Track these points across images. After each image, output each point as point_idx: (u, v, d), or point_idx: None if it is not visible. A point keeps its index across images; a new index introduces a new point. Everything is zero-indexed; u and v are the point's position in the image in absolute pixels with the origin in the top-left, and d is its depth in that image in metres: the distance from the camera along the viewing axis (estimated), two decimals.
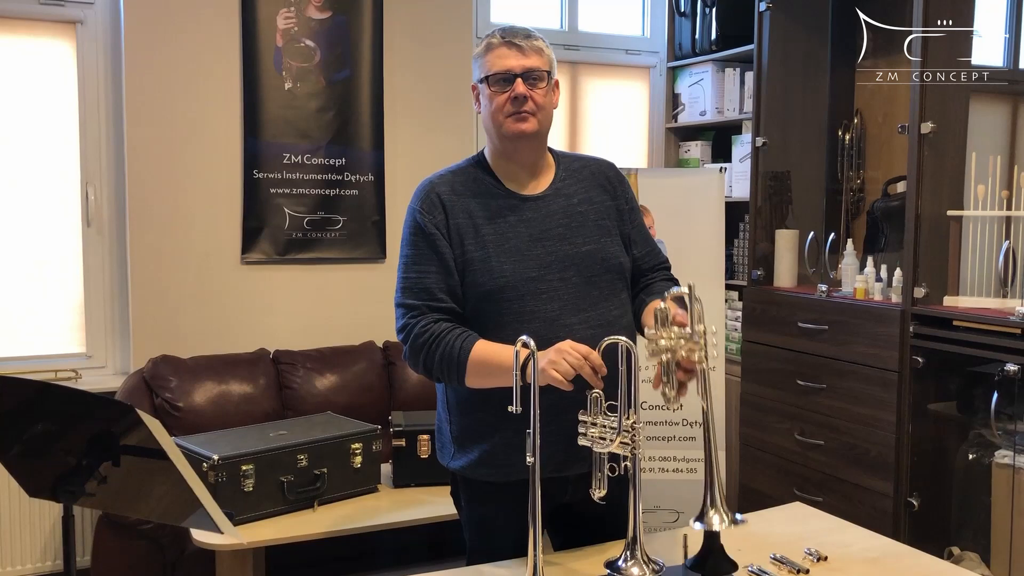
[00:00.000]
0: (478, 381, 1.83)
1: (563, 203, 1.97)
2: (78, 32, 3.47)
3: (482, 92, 1.95)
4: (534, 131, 1.91)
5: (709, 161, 4.33)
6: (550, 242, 1.92)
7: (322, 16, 3.69)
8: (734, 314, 3.91)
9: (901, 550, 1.95)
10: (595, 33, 4.41)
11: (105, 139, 3.54)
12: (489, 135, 1.98)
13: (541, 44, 1.95)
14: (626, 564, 1.68)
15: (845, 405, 3.09)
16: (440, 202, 1.92)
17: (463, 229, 1.90)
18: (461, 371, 1.82)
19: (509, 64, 1.90)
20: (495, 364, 1.79)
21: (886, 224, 3.40)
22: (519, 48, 1.91)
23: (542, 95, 1.93)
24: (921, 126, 2.85)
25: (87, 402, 1.56)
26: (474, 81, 1.98)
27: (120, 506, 1.82)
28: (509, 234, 1.91)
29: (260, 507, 2.62)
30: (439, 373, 1.86)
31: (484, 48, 1.94)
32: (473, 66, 1.98)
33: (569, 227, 1.95)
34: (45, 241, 3.48)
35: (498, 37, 1.92)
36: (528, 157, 1.97)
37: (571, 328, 1.86)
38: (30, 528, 3.35)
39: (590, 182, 2.03)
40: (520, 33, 1.93)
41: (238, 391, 3.34)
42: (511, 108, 1.89)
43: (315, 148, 3.70)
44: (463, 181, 1.96)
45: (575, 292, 1.91)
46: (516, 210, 1.93)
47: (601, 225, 1.98)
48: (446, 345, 1.83)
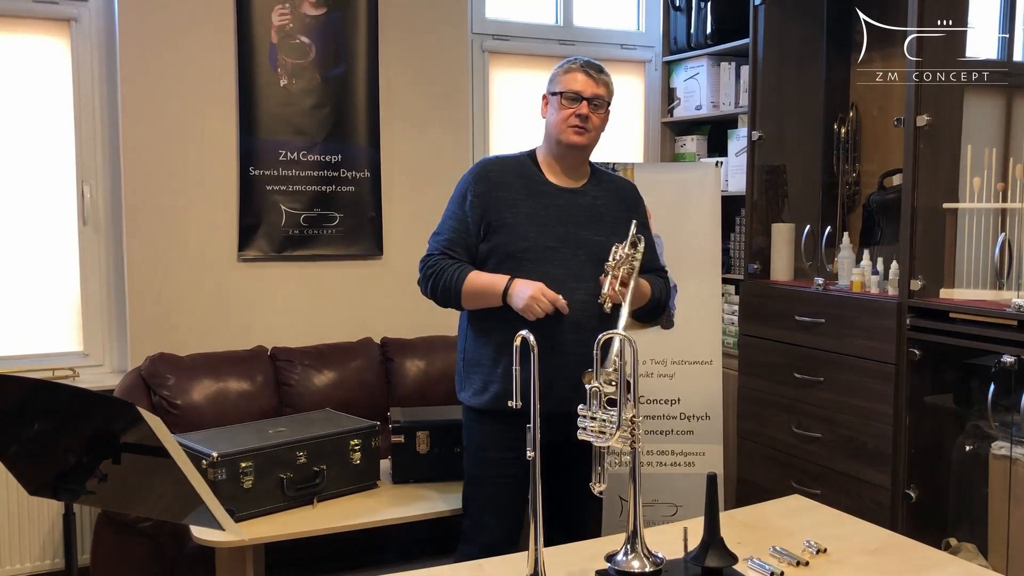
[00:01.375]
0: (470, 303, 2.39)
1: (589, 200, 2.47)
2: (72, 30, 3.46)
3: (552, 103, 2.45)
4: (585, 144, 2.43)
5: (705, 155, 4.34)
6: (571, 225, 2.41)
7: (317, 12, 3.69)
8: (731, 308, 3.92)
9: (899, 542, 1.96)
10: (590, 28, 4.41)
11: (100, 137, 3.53)
12: (548, 137, 2.49)
13: (609, 80, 2.47)
14: (627, 557, 1.69)
15: (842, 398, 3.10)
16: (489, 178, 2.44)
17: (503, 201, 2.40)
18: (457, 295, 2.37)
19: (581, 87, 2.40)
20: (480, 290, 2.35)
21: (882, 217, 3.41)
22: (592, 78, 2.41)
23: (599, 118, 2.44)
24: (917, 119, 2.86)
25: (87, 400, 1.56)
26: (547, 92, 2.49)
27: (120, 504, 1.82)
28: (540, 211, 2.40)
29: (259, 504, 2.62)
30: (443, 296, 2.39)
31: (566, 69, 2.44)
32: (550, 80, 2.48)
33: (589, 219, 2.44)
34: (41, 240, 3.48)
35: (578, 64, 2.44)
36: (572, 162, 2.48)
37: (572, 290, 2.33)
38: (29, 527, 3.35)
39: (615, 194, 2.53)
40: (596, 67, 2.44)
41: (236, 388, 3.34)
42: (574, 121, 2.39)
43: (311, 145, 3.70)
44: (514, 165, 2.48)
45: (581, 266, 2.37)
46: (551, 195, 2.44)
47: (615, 227, 2.42)
48: (448, 275, 2.37)
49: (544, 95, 2.49)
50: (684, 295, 3.46)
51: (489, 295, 2.34)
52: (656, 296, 2.50)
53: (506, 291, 2.31)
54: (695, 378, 3.44)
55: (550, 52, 4.30)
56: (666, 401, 3.44)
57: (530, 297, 2.26)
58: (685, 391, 3.44)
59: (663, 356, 3.45)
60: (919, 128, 2.86)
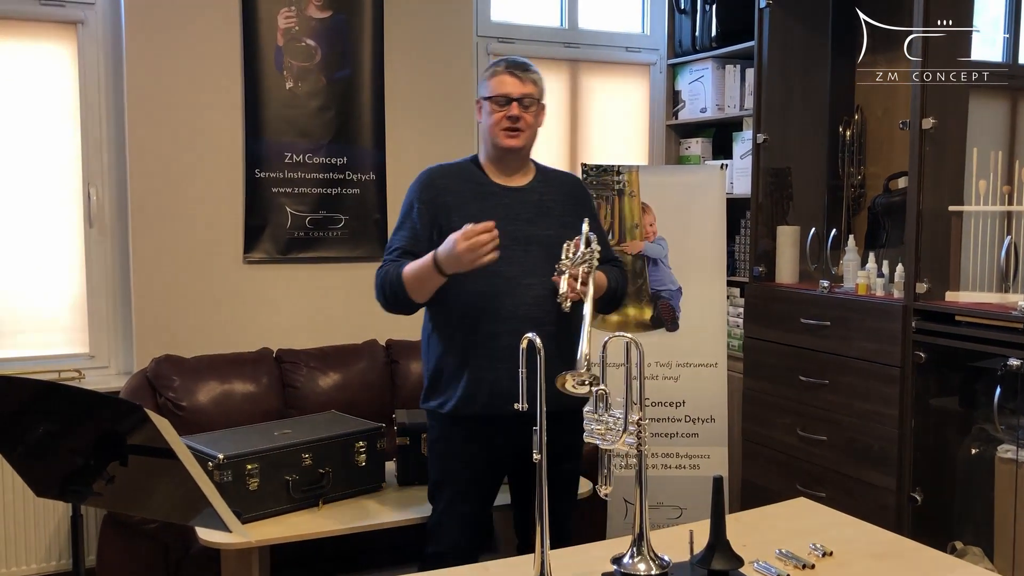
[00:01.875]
0: (419, 292, 2.35)
1: (536, 197, 2.48)
2: (79, 33, 3.47)
3: (484, 107, 2.45)
4: (521, 146, 2.44)
5: (710, 158, 4.34)
6: (520, 223, 2.42)
7: (322, 15, 3.69)
8: (736, 310, 3.91)
9: (906, 545, 1.95)
10: (595, 31, 4.41)
11: (106, 139, 3.54)
12: (485, 142, 2.50)
13: (537, 77, 2.47)
14: (632, 560, 1.68)
15: (847, 400, 3.10)
16: (435, 185, 2.47)
17: (451, 206, 2.41)
18: (403, 289, 2.34)
19: (509, 89, 2.41)
20: (417, 273, 2.32)
21: (887, 220, 3.40)
22: (518, 78, 2.42)
23: (532, 116, 2.45)
24: (922, 122, 2.86)
25: (94, 402, 1.57)
26: (478, 97, 2.49)
27: (127, 505, 1.83)
28: (488, 212, 2.36)
29: (265, 506, 2.63)
30: (393, 298, 2.38)
31: (492, 73, 2.45)
32: (479, 85, 2.50)
33: (538, 215, 2.46)
34: (47, 242, 3.49)
35: (503, 66, 2.43)
36: (514, 163, 2.49)
37: (527, 286, 2.37)
38: (35, 528, 3.36)
39: (561, 189, 2.55)
40: (522, 65, 2.44)
41: (241, 390, 3.34)
42: (506, 123, 2.40)
43: (316, 147, 3.71)
44: (458, 170, 2.50)
45: (534, 262, 2.38)
46: (497, 196, 2.45)
47: (563, 220, 2.46)
48: (390, 277, 2.37)
49: (477, 101, 2.50)
50: (689, 297, 3.45)
51: (427, 273, 2.30)
52: (613, 287, 2.51)
53: (436, 262, 2.27)
54: (700, 380, 3.43)
55: (555, 55, 4.30)
56: (671, 403, 3.44)
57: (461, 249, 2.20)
58: (690, 393, 3.43)
59: (668, 358, 3.44)
60: (925, 131, 2.86)
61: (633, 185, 3.47)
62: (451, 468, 2.45)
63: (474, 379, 2.36)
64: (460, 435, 2.42)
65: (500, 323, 2.34)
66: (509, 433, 2.35)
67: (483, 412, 2.36)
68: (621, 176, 3.48)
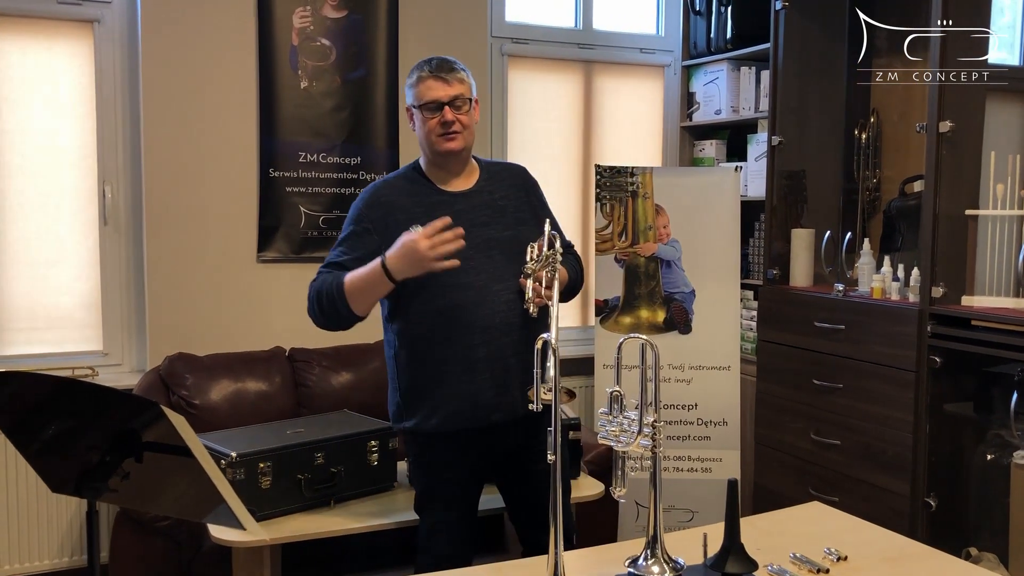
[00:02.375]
0: (360, 301, 2.25)
1: (487, 197, 2.40)
2: (95, 31, 3.49)
3: (416, 116, 2.35)
4: (461, 148, 2.34)
5: (724, 160, 4.32)
6: (477, 228, 2.31)
7: (338, 15, 3.70)
8: (749, 313, 3.90)
9: (921, 550, 1.94)
10: (609, 32, 4.40)
11: (122, 138, 3.56)
12: (424, 150, 2.40)
13: (463, 75, 2.36)
14: (647, 563, 1.68)
15: (861, 405, 3.08)
16: (381, 203, 2.35)
17: (402, 223, 2.26)
18: (342, 298, 2.23)
19: (438, 95, 2.30)
20: (362, 279, 2.22)
21: (902, 223, 3.39)
22: (444, 80, 2.31)
23: (467, 117, 2.34)
24: (939, 125, 2.84)
25: (111, 398, 1.57)
26: (408, 105, 2.38)
27: (142, 502, 1.83)
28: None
29: (277, 504, 2.63)
30: (330, 309, 2.26)
31: (416, 80, 2.33)
32: (407, 93, 2.37)
33: (492, 216, 2.37)
34: (62, 239, 3.50)
35: (427, 71, 2.32)
36: (456, 167, 2.40)
37: (496, 293, 2.30)
38: (47, 524, 3.37)
39: (509, 182, 2.46)
40: (445, 66, 2.33)
41: (254, 389, 3.35)
42: (441, 129, 2.30)
43: (331, 147, 3.71)
44: (404, 183, 2.40)
45: (498, 267, 2.31)
46: (448, 204, 2.33)
47: (518, 216, 2.41)
48: (327, 287, 2.25)
49: (407, 108, 2.39)
50: (702, 300, 3.44)
51: (372, 280, 2.20)
52: (573, 278, 2.45)
53: (385, 267, 2.18)
54: (713, 383, 3.42)
55: (569, 56, 4.30)
56: (683, 406, 3.43)
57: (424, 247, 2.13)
58: (702, 396, 3.42)
59: (680, 361, 3.43)
60: (942, 134, 2.84)
61: (647, 187, 3.46)
62: (437, 481, 2.39)
63: (455, 394, 2.30)
64: (443, 449, 2.36)
65: (476, 334, 2.28)
66: (492, 441, 2.36)
67: (469, 425, 2.32)
68: (635, 178, 3.47)
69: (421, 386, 2.34)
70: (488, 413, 2.31)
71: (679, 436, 3.42)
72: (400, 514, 2.70)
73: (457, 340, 2.29)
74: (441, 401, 2.31)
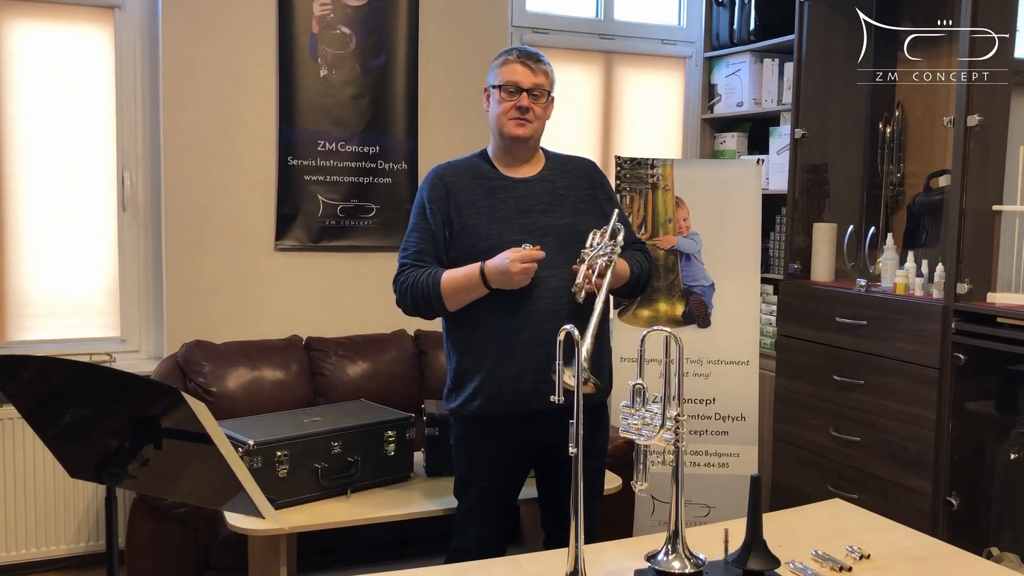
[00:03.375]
0: (454, 302, 2.33)
1: (548, 186, 2.43)
2: (116, 17, 3.49)
3: (492, 96, 2.41)
4: (529, 135, 2.39)
5: (745, 153, 4.29)
6: (533, 214, 2.37)
7: (358, 3, 3.68)
8: (769, 308, 3.87)
9: (944, 549, 1.91)
10: (631, 22, 4.37)
11: (141, 125, 3.55)
12: (493, 133, 2.44)
13: (548, 68, 2.42)
14: (667, 558, 1.66)
15: (883, 402, 3.05)
16: (444, 184, 2.41)
17: (462, 204, 2.37)
18: (439, 298, 2.31)
19: (520, 79, 2.36)
20: (459, 284, 2.30)
21: (927, 218, 3.35)
22: (530, 68, 2.37)
23: (541, 108, 2.40)
24: (967, 119, 2.80)
25: (130, 384, 1.56)
26: (488, 85, 2.42)
27: (160, 488, 1.82)
28: (499, 206, 2.37)
29: (294, 493, 2.62)
30: (425, 305, 2.34)
31: (502, 61, 2.39)
32: (489, 74, 2.42)
33: (551, 204, 2.40)
34: (81, 225, 3.51)
35: (515, 55, 2.38)
36: (522, 154, 2.44)
37: (544, 280, 2.30)
38: (64, 509, 3.39)
39: (574, 175, 2.48)
40: (533, 56, 2.39)
41: (270, 377, 3.35)
42: (515, 113, 2.36)
43: (349, 136, 3.70)
44: (467, 167, 2.45)
45: (551, 253, 2.29)
46: (507, 189, 2.40)
47: (578, 207, 2.42)
48: (423, 283, 2.33)
49: (485, 88, 2.44)
50: (722, 294, 3.42)
51: (469, 286, 2.29)
52: (636, 273, 2.44)
53: (483, 275, 2.26)
54: (731, 378, 3.40)
55: (590, 46, 4.27)
56: (701, 401, 3.41)
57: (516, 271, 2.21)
58: (721, 391, 3.40)
59: (699, 355, 3.41)
60: (970, 128, 2.80)
61: (667, 179, 3.44)
62: (477, 466, 2.42)
63: (497, 377, 2.33)
64: (485, 433, 2.39)
65: (521, 319, 2.31)
66: (535, 429, 2.35)
67: (508, 410, 2.33)
68: (655, 170, 3.44)
69: (466, 368, 2.38)
70: (527, 399, 2.31)
71: (697, 431, 3.40)
72: (416, 505, 2.69)
73: (502, 324, 2.31)
74: (482, 384, 2.34)
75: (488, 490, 2.41)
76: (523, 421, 2.34)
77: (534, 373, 2.29)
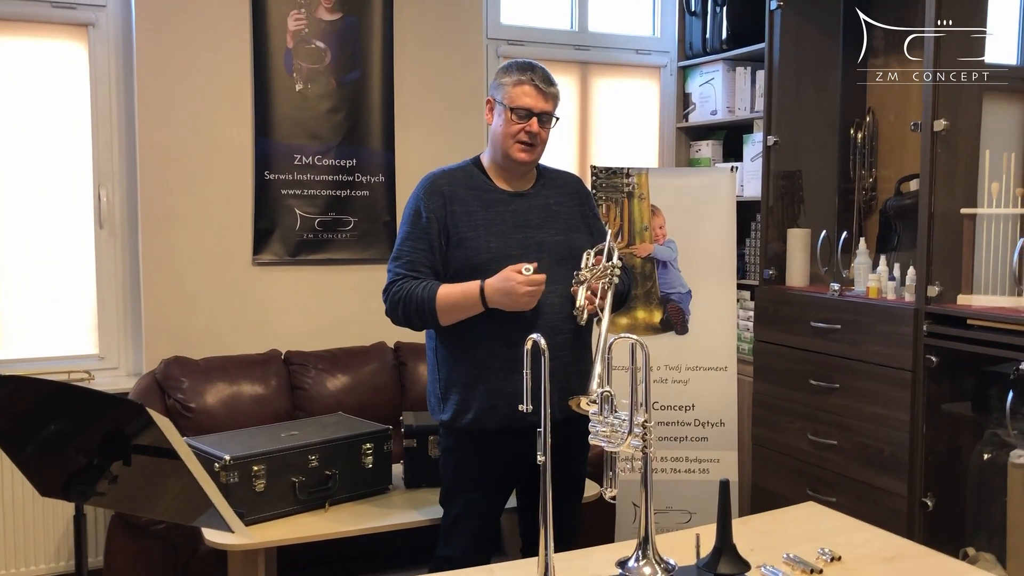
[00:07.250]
0: (448, 318, 2.30)
1: (542, 201, 2.45)
2: (90, 34, 3.49)
3: (499, 111, 2.38)
4: (533, 160, 2.41)
5: (720, 160, 4.32)
6: (529, 229, 2.39)
7: (332, 17, 3.70)
8: (746, 314, 3.89)
9: (916, 550, 1.93)
10: (605, 33, 4.40)
11: (117, 141, 3.55)
12: (494, 147, 2.42)
13: (557, 92, 2.41)
14: (638, 564, 1.67)
15: (858, 405, 3.07)
16: (441, 192, 2.38)
17: (458, 215, 2.35)
18: (433, 313, 2.28)
19: (532, 104, 2.34)
20: (456, 301, 2.28)
21: (899, 222, 3.38)
22: (543, 93, 2.36)
23: (547, 132, 2.40)
24: (934, 124, 2.83)
25: (100, 402, 1.57)
26: (492, 96, 2.41)
27: (131, 505, 1.83)
28: (497, 220, 2.37)
29: (272, 507, 2.62)
30: (418, 318, 2.31)
31: (516, 81, 2.35)
32: (497, 85, 2.39)
33: (545, 220, 2.42)
34: (58, 243, 3.50)
35: (529, 76, 2.35)
36: (519, 172, 2.45)
37: (543, 295, 2.27)
38: (43, 528, 3.37)
39: (564, 190, 2.51)
40: (548, 80, 2.37)
41: (250, 392, 3.34)
42: (524, 138, 2.35)
43: (326, 149, 3.71)
44: (462, 177, 2.43)
45: (547, 269, 2.29)
46: (504, 203, 2.40)
47: (570, 223, 2.46)
48: (418, 296, 2.29)
49: (489, 99, 2.42)
50: (699, 300, 3.44)
51: (467, 304, 2.28)
52: (621, 290, 2.47)
53: (482, 294, 2.26)
54: (710, 384, 3.42)
55: (565, 57, 4.29)
56: (680, 407, 3.42)
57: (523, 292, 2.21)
58: (699, 397, 3.42)
59: (677, 362, 3.43)
60: (936, 133, 2.83)
61: (643, 187, 3.46)
62: (467, 476, 2.41)
63: (494, 391, 2.32)
64: (476, 446, 2.38)
65: (520, 333, 2.24)
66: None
67: (505, 425, 2.32)
68: (631, 178, 3.47)
69: (459, 381, 2.37)
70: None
71: (676, 437, 3.42)
72: (395, 516, 2.70)
73: (499, 339, 2.31)
74: (478, 398, 2.34)
75: (476, 500, 2.41)
76: (518, 436, 2.30)
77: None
